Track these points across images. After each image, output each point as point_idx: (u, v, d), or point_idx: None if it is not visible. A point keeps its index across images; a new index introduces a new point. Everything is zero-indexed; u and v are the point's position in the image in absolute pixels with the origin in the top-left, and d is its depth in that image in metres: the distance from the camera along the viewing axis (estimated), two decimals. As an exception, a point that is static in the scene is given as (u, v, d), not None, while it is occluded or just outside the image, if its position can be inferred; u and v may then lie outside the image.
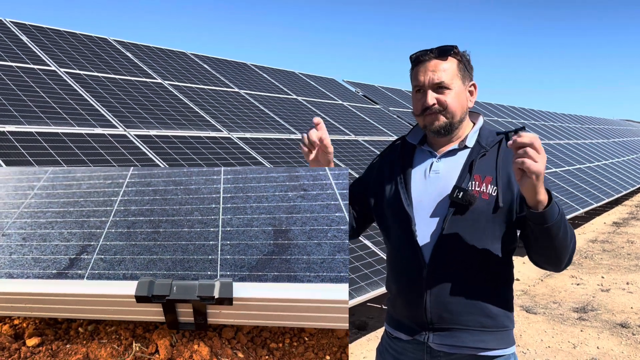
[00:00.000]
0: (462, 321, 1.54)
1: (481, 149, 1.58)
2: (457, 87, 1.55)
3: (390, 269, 1.69)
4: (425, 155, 1.65)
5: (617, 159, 14.21)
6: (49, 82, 4.43)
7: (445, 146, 1.62)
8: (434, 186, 1.57)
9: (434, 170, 1.60)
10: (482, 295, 1.54)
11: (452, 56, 1.56)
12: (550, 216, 1.38)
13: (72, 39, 5.57)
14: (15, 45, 4.80)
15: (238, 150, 4.83)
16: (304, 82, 8.14)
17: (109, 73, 5.17)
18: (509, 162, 1.52)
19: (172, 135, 4.53)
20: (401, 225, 1.59)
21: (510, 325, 1.59)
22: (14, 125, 3.64)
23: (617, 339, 4.35)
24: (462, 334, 1.54)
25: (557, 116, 17.33)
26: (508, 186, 1.52)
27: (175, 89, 5.53)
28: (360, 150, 6.32)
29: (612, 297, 5.47)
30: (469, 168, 1.55)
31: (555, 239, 1.42)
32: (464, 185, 1.52)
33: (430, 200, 1.57)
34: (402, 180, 1.62)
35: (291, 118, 6.31)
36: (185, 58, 6.65)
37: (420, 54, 1.57)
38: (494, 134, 1.60)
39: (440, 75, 1.53)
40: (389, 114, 8.64)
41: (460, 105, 1.56)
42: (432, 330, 1.56)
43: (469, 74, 1.60)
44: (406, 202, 1.58)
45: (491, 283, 1.55)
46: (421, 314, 1.56)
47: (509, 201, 1.51)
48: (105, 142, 3.94)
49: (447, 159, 1.60)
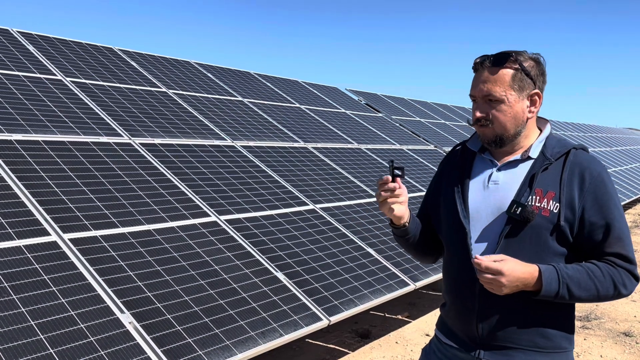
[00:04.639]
0: (515, 340, 1.48)
1: (545, 160, 1.50)
2: (510, 99, 1.47)
3: (445, 279, 1.65)
4: (485, 164, 1.58)
5: (620, 167, 14.19)
6: (55, 91, 4.48)
7: (507, 156, 1.55)
8: (493, 198, 1.51)
9: (493, 181, 1.53)
10: (538, 314, 1.48)
11: (509, 64, 1.47)
12: (548, 296, 1.41)
13: (78, 48, 5.63)
14: (22, 55, 4.85)
15: (242, 158, 4.86)
16: (307, 91, 8.18)
17: (115, 82, 5.22)
18: (575, 177, 1.46)
19: (176, 143, 4.57)
20: (457, 237, 1.55)
21: (569, 347, 1.52)
22: (20, 134, 3.68)
23: (620, 347, 4.34)
24: (515, 353, 1.49)
25: (560, 125, 17.34)
26: (571, 204, 1.44)
27: (180, 98, 5.58)
28: (363, 158, 6.35)
29: (616, 305, 5.46)
30: (530, 182, 1.47)
31: (571, 301, 1.44)
32: (523, 200, 1.45)
33: (488, 213, 1.51)
34: (460, 190, 1.57)
35: (294, 126, 6.34)
36: (190, 67, 6.70)
37: (477, 62, 1.52)
38: (562, 143, 1.53)
39: (489, 88, 1.47)
40: (391, 122, 8.67)
41: (513, 118, 1.49)
42: (483, 347, 1.52)
43: (530, 83, 1.49)
44: (462, 213, 1.53)
45: (549, 302, 1.47)
46: (473, 330, 1.53)
47: (570, 220, 1.44)
48: (110, 151, 3.98)
49: (508, 170, 1.53)
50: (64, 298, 2.56)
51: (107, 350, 2.38)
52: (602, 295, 1.43)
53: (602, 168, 1.49)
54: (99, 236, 3.08)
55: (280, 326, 3.02)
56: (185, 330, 2.69)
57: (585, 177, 1.46)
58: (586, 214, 1.44)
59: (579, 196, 1.44)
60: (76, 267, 2.79)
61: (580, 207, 1.44)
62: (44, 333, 2.34)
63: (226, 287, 3.14)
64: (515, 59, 1.48)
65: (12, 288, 2.49)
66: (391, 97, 10.48)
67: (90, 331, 2.44)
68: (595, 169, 1.47)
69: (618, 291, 1.44)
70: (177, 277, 3.04)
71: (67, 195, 3.29)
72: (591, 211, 1.44)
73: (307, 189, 4.86)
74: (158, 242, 3.26)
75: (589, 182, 1.45)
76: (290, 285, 3.42)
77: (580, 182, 1.45)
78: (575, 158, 1.48)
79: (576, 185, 1.45)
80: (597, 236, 1.45)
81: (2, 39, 4.99)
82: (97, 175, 3.62)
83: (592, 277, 1.41)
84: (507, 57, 1.48)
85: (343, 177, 5.51)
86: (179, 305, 2.84)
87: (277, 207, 4.30)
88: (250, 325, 2.92)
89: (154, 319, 2.68)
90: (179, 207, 3.69)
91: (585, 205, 1.44)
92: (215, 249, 3.45)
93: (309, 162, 5.47)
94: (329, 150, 6.09)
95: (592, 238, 1.45)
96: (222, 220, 3.79)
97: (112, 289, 2.75)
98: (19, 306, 2.42)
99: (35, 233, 2.89)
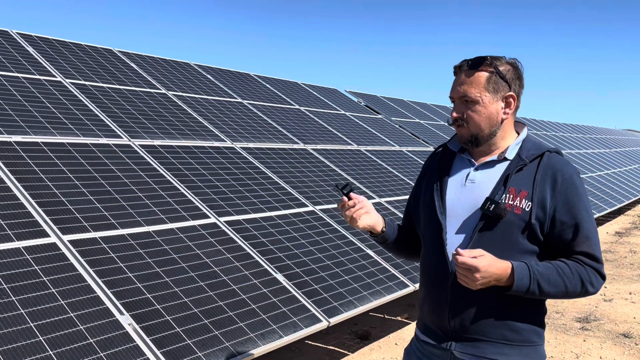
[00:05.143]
0: (485, 333, 1.54)
1: (520, 161, 1.57)
2: (485, 100, 1.55)
3: (420, 273, 1.72)
4: (464, 163, 1.66)
5: (619, 169, 14.20)
6: (54, 92, 4.48)
7: (484, 157, 1.63)
8: (469, 196, 1.59)
9: (470, 180, 1.61)
10: (507, 309, 1.53)
11: (484, 67, 1.55)
12: (519, 292, 1.47)
13: (78, 50, 5.63)
14: (21, 57, 4.85)
15: (241, 160, 4.86)
16: (306, 93, 8.18)
17: (114, 84, 5.22)
18: (548, 178, 1.54)
19: (176, 145, 4.57)
20: (433, 232, 1.62)
21: (539, 341, 1.58)
22: (20, 136, 3.68)
23: (620, 349, 4.34)
24: (485, 346, 1.55)
25: (559, 126, 17.35)
26: (542, 203, 1.51)
27: (179, 99, 5.58)
28: (363, 160, 6.35)
29: (615, 307, 5.46)
30: (505, 181, 1.55)
31: (541, 297, 1.51)
32: (497, 197, 1.52)
33: (464, 209, 1.58)
34: (439, 187, 1.64)
35: (294, 128, 6.35)
36: (189, 68, 6.71)
37: (456, 66, 1.61)
38: (537, 146, 1.60)
39: (465, 89, 1.56)
40: (391, 123, 8.68)
41: (487, 118, 1.56)
42: (455, 339, 1.58)
43: (505, 85, 1.57)
44: (440, 209, 1.61)
45: (519, 297, 1.53)
46: (445, 322, 1.58)
47: (541, 219, 1.51)
48: (110, 152, 3.98)
49: (484, 170, 1.61)
50: (64, 300, 2.56)
51: (107, 351, 2.38)
52: (571, 292, 1.50)
53: (574, 171, 1.56)
54: (98, 237, 3.08)
55: (279, 328, 3.02)
56: (184, 332, 2.69)
57: (557, 178, 1.53)
58: (557, 214, 1.51)
59: (550, 196, 1.51)
60: (75, 269, 2.78)
61: (551, 207, 1.51)
62: (43, 335, 2.33)
63: (226, 288, 3.14)
64: (490, 62, 1.56)
65: (11, 289, 2.49)
66: (390, 98, 10.49)
67: (89, 333, 2.44)
68: (567, 172, 1.54)
69: (585, 288, 1.51)
70: (177, 278, 3.04)
71: (66, 197, 3.29)
72: (562, 211, 1.51)
73: (307, 191, 4.86)
74: (157, 244, 3.26)
75: (560, 183, 1.52)
76: (289, 287, 3.42)
77: (552, 183, 1.52)
78: (549, 160, 1.56)
79: (548, 186, 1.52)
80: (566, 235, 1.52)
81: (2, 41, 5.00)
82: (97, 176, 3.62)
83: (561, 275, 1.48)
84: (482, 61, 1.56)
85: (342, 178, 5.51)
86: (178, 306, 2.84)
87: (276, 209, 4.30)
88: (249, 326, 2.92)
89: (153, 320, 2.68)
90: (178, 209, 3.69)
91: (556, 206, 1.51)
92: (214, 250, 3.44)
93: (308, 164, 5.48)
94: (328, 152, 6.09)
95: (562, 237, 1.52)
96: (222, 221, 3.79)
97: (111, 291, 2.74)
98: (18, 308, 2.41)
99: (34, 234, 2.88)
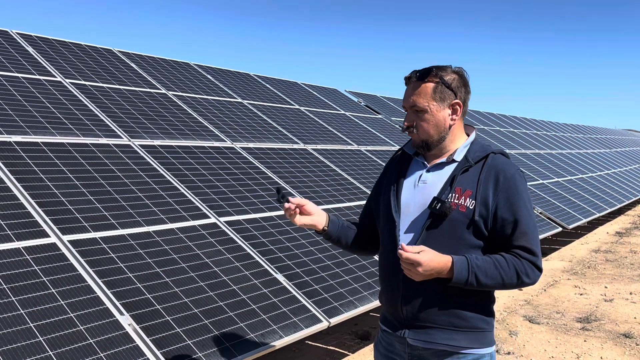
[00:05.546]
0: (434, 320, 1.67)
1: (466, 163, 1.70)
2: (433, 109, 1.68)
3: (379, 267, 1.86)
4: (418, 165, 1.79)
5: (619, 169, 14.20)
6: (54, 92, 4.47)
7: (435, 159, 1.76)
8: (421, 196, 1.72)
9: (422, 181, 1.74)
10: (454, 298, 1.66)
11: (430, 78, 1.68)
12: (459, 283, 1.59)
13: (78, 50, 5.63)
14: (21, 57, 4.85)
15: (241, 160, 4.86)
16: (306, 92, 8.18)
17: (114, 84, 5.21)
18: (491, 178, 1.66)
19: (176, 145, 4.56)
20: (389, 230, 1.76)
21: (487, 327, 1.71)
22: (20, 136, 3.67)
23: (620, 349, 4.34)
24: (435, 332, 1.68)
25: (559, 126, 17.35)
26: (485, 201, 1.64)
27: (179, 100, 5.57)
28: (363, 160, 6.35)
29: (616, 307, 5.46)
30: (451, 181, 1.68)
31: (479, 288, 1.63)
32: (444, 197, 1.66)
33: (416, 208, 1.72)
34: (395, 188, 1.78)
35: (294, 128, 6.34)
36: (189, 68, 6.70)
37: (407, 77, 1.74)
38: (483, 148, 1.74)
39: (414, 99, 1.69)
40: (391, 123, 8.67)
41: (435, 125, 1.70)
42: (408, 326, 1.71)
43: (451, 94, 1.70)
44: (394, 208, 1.75)
45: (463, 288, 1.65)
46: (399, 312, 1.72)
47: (484, 216, 1.64)
48: (110, 152, 3.98)
49: (435, 172, 1.74)
50: (63, 300, 2.55)
51: (107, 352, 2.38)
52: (507, 283, 1.61)
53: (516, 170, 1.68)
54: (98, 238, 3.07)
55: (280, 328, 3.01)
56: (184, 332, 2.68)
57: (499, 178, 1.66)
58: (499, 211, 1.64)
59: (493, 195, 1.64)
60: (75, 269, 2.78)
61: (493, 204, 1.64)
62: (43, 335, 2.33)
63: (226, 288, 3.13)
64: (435, 73, 1.69)
65: (11, 290, 2.49)
66: (390, 98, 10.48)
67: (89, 333, 2.44)
68: (509, 171, 1.67)
69: (521, 280, 1.62)
70: (177, 278, 3.03)
71: (66, 197, 3.28)
72: (503, 208, 1.64)
73: (307, 191, 4.85)
74: (157, 244, 3.25)
75: (502, 182, 1.65)
76: (290, 287, 3.41)
77: (495, 182, 1.65)
78: (492, 161, 1.69)
79: (491, 185, 1.65)
80: (507, 231, 1.65)
81: (2, 41, 4.99)
82: (97, 176, 3.62)
83: (497, 267, 1.61)
84: (428, 73, 1.69)
85: (342, 178, 5.50)
86: (178, 307, 2.84)
87: (277, 209, 4.29)
88: (249, 327, 2.91)
89: (153, 320, 2.68)
90: (178, 209, 3.68)
91: (498, 203, 1.64)
92: (214, 250, 3.44)
93: (308, 164, 5.47)
94: (328, 152, 6.09)
95: (503, 232, 1.65)
96: (222, 221, 3.79)
97: (111, 291, 2.74)
98: (18, 308, 2.41)
99: (34, 235, 2.88)
